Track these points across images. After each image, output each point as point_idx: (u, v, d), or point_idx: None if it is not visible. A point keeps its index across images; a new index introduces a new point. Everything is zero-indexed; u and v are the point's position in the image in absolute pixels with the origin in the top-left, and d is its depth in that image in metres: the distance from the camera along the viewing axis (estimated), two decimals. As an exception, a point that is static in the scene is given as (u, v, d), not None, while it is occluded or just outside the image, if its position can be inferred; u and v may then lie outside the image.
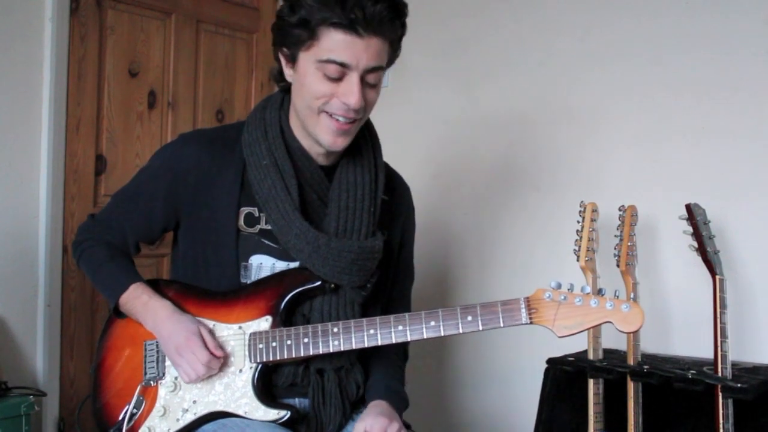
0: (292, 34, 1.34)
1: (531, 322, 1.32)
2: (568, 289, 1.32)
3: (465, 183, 2.72)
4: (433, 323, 1.35)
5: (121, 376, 1.48)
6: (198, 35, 2.84)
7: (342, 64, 1.32)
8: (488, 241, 2.66)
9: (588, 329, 1.31)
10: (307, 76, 1.36)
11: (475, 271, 2.69)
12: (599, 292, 1.31)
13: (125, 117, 2.63)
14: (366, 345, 1.38)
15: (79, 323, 2.50)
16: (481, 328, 1.33)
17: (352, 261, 1.43)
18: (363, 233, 1.46)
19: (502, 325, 1.33)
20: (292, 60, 1.39)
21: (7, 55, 2.28)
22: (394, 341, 1.37)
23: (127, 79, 2.63)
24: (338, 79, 1.34)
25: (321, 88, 1.35)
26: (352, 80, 1.33)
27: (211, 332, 1.43)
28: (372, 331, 1.37)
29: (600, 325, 1.32)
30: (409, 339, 1.37)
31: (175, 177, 1.48)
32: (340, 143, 1.40)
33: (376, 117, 1.57)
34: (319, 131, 1.39)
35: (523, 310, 1.32)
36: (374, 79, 1.37)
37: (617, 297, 1.31)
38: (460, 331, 1.34)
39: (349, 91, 1.33)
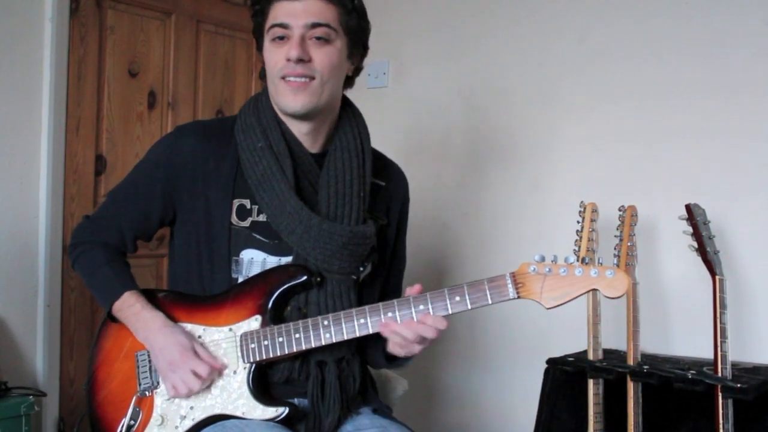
0: (255, 26, 1.51)
1: (518, 297, 1.32)
2: (552, 261, 1.32)
3: (465, 183, 2.72)
4: (422, 307, 1.35)
5: (115, 389, 1.47)
6: (198, 35, 2.84)
7: (281, 25, 1.42)
8: (488, 241, 2.66)
9: (575, 298, 1.31)
10: (265, 53, 1.48)
11: (476, 272, 2.69)
12: (583, 261, 1.31)
13: (125, 117, 2.63)
14: (357, 334, 1.38)
15: (79, 323, 2.50)
16: (470, 306, 1.33)
17: (343, 245, 1.43)
18: (353, 218, 1.47)
19: (490, 302, 1.33)
20: (261, 50, 1.50)
21: (7, 55, 2.28)
22: None
23: (127, 79, 2.63)
24: (286, 43, 1.43)
25: (273, 56, 1.45)
26: (293, 37, 1.42)
27: (203, 345, 1.43)
28: (362, 320, 1.37)
29: (587, 293, 1.32)
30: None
31: (171, 169, 1.49)
32: (300, 102, 1.44)
33: (376, 116, 1.58)
34: (279, 98, 1.46)
35: (510, 285, 1.32)
36: (321, 33, 1.42)
37: (601, 264, 1.31)
38: (450, 311, 1.34)
39: (290, 46, 1.42)
